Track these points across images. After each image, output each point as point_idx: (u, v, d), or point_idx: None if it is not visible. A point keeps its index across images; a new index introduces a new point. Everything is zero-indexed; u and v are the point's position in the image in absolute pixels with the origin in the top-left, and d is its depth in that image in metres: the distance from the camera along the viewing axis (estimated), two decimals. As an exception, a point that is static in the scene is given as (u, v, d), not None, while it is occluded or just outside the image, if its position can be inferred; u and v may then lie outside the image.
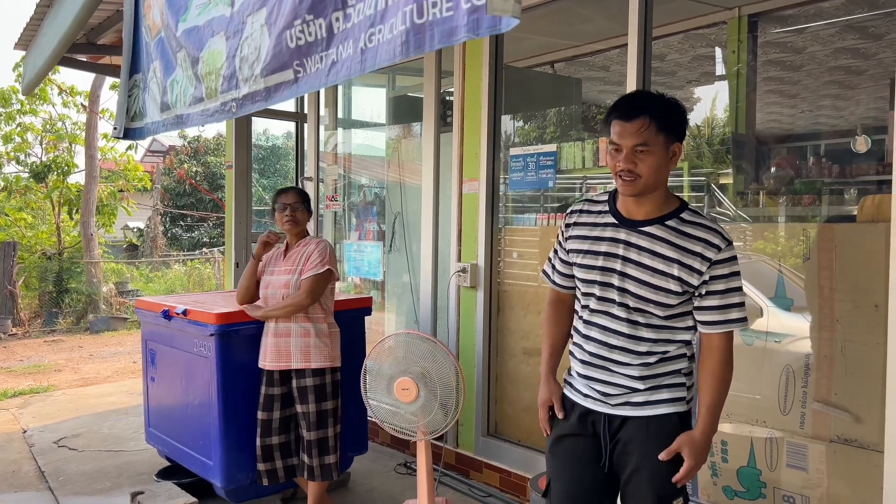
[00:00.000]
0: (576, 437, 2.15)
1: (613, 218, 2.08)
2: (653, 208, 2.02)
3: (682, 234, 1.98)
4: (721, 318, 1.98)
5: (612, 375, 2.07)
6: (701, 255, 1.95)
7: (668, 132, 1.96)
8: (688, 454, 1.97)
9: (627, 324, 2.04)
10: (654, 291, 1.98)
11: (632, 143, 1.94)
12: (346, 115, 5.85)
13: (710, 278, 1.96)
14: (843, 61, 4.90)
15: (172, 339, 3.86)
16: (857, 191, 3.63)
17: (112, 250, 16.21)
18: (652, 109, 1.95)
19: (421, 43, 1.77)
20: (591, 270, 2.08)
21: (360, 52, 2.00)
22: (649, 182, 1.96)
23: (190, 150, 19.68)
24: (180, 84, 3.14)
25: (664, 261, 1.97)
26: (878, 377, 2.57)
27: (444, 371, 3.28)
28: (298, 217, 3.51)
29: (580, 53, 5.18)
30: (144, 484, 3.94)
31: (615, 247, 2.04)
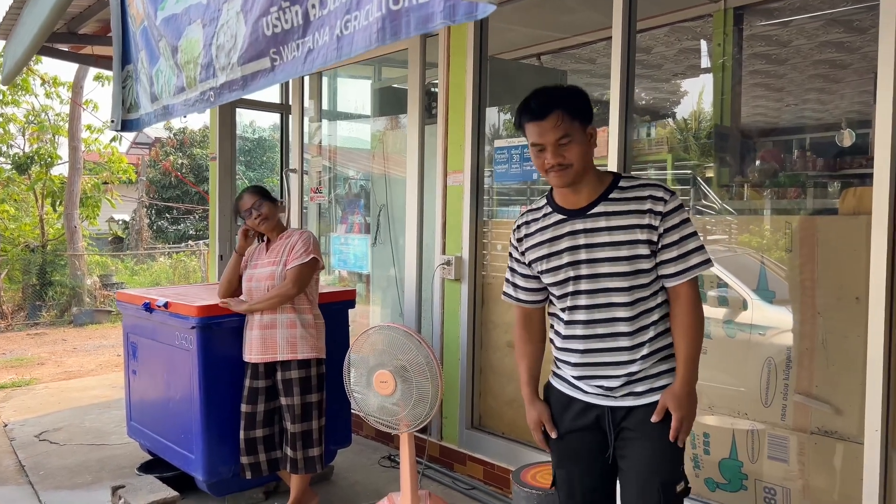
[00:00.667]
0: (579, 432, 2.14)
1: (560, 214, 2.09)
2: (591, 190, 2.06)
3: (628, 199, 2.03)
4: (682, 266, 2.01)
5: (610, 368, 2.05)
6: (651, 211, 1.99)
7: (581, 117, 2.01)
8: (673, 407, 1.98)
9: (607, 309, 2.03)
10: (629, 262, 2.00)
11: (553, 138, 1.99)
12: (332, 107, 5.80)
13: (663, 231, 1.99)
14: (827, 55, 4.91)
15: (154, 331, 3.82)
16: (840, 184, 3.64)
17: (97, 243, 16.08)
18: (560, 101, 2.00)
19: (397, 30, 1.75)
20: (559, 270, 2.08)
21: (336, 40, 1.97)
22: (579, 169, 2.01)
23: (176, 141, 19.53)
24: (164, 74, 3.10)
25: (624, 231, 2.00)
26: (858, 369, 2.59)
27: (422, 365, 3.27)
28: (265, 213, 3.45)
29: (567, 46, 5.16)
30: (126, 478, 3.92)
31: (575, 238, 2.06)
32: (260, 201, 3.45)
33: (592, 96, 5.66)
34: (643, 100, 5.67)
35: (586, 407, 2.11)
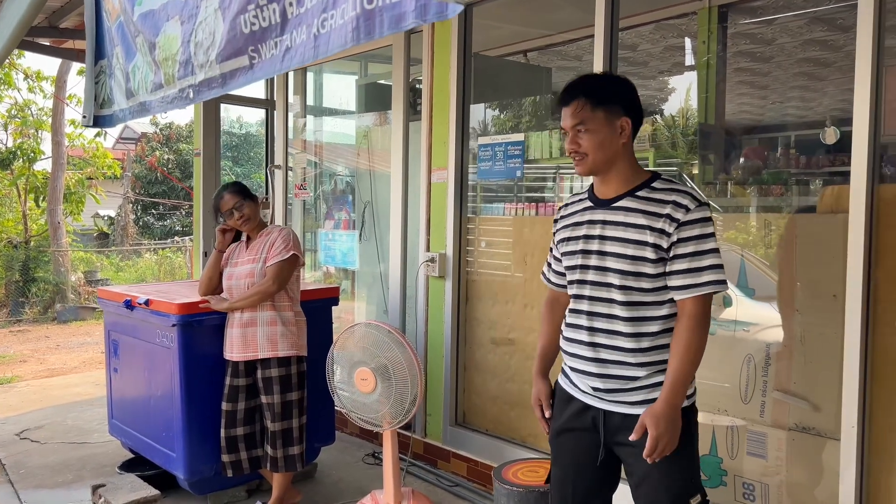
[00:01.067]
0: (575, 432, 2.13)
1: (591, 202, 2.10)
2: (620, 184, 2.03)
3: (651, 200, 1.98)
4: (692, 281, 1.92)
5: (603, 366, 2.02)
6: (669, 217, 1.93)
7: (608, 108, 1.98)
8: (649, 425, 1.91)
9: (609, 304, 2.01)
10: (633, 263, 1.96)
11: (570, 124, 2.01)
12: (317, 103, 5.78)
13: (677, 240, 1.92)
14: (811, 53, 4.94)
15: (135, 329, 3.80)
16: (822, 182, 3.67)
17: (82, 239, 15.96)
18: (586, 89, 2.00)
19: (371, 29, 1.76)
20: (573, 256, 2.09)
21: (313, 38, 1.97)
22: (597, 159, 1.99)
23: (162, 137, 19.40)
24: (141, 70, 3.07)
25: (637, 230, 1.96)
26: (835, 366, 2.61)
27: (403, 363, 3.26)
28: (247, 212, 3.42)
29: (553, 43, 5.16)
30: (107, 476, 3.89)
31: (593, 227, 2.05)
32: (241, 201, 3.41)
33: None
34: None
35: (583, 407, 2.10)
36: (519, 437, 3.84)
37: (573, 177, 3.91)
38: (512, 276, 3.89)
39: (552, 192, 4.01)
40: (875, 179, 2.50)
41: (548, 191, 4.04)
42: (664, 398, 1.93)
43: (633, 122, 2.02)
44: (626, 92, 2.04)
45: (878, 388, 2.55)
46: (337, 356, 3.49)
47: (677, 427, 1.94)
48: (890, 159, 3.03)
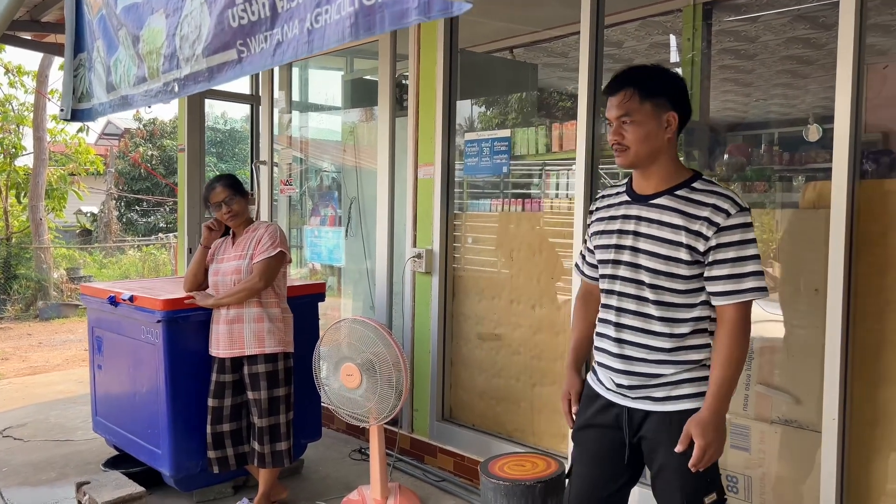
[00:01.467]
0: (599, 429, 2.12)
1: (627, 196, 2.07)
2: (661, 180, 2.00)
3: (691, 201, 1.93)
4: (733, 287, 1.89)
5: (628, 363, 2.01)
6: (708, 220, 1.89)
7: (655, 100, 1.94)
8: (696, 434, 1.88)
9: (638, 301, 1.99)
10: (666, 262, 1.94)
11: (615, 115, 1.97)
12: (302, 98, 5.75)
13: (717, 245, 1.88)
14: (794, 51, 4.99)
15: (119, 325, 3.77)
16: (805, 178, 3.71)
17: (65, 235, 15.81)
18: (635, 80, 1.96)
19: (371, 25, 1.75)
20: (607, 249, 2.07)
21: (307, 33, 1.96)
22: (640, 152, 1.96)
23: (145, 133, 19.22)
24: (123, 64, 3.04)
25: (672, 229, 1.93)
26: (817, 360, 2.64)
27: (388, 359, 3.27)
28: (236, 209, 3.40)
29: (539, 39, 5.17)
30: (91, 474, 3.86)
31: (627, 223, 2.02)
32: (232, 196, 3.40)
33: (565, 90, 5.70)
34: (613, 94, 5.70)
35: (608, 404, 2.09)
36: (505, 431, 3.86)
37: (559, 173, 3.92)
38: (498, 272, 3.90)
39: (538, 189, 4.02)
40: (856, 176, 2.54)
41: (534, 187, 4.06)
42: (709, 406, 1.90)
43: (680, 117, 1.97)
44: (675, 85, 2.00)
45: (859, 382, 2.59)
46: (323, 352, 3.49)
47: (723, 434, 1.93)
48: (870, 156, 3.08)
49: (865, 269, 2.56)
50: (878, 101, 3.73)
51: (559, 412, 3.57)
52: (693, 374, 1.98)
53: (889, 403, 2.55)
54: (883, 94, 3.98)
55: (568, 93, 5.65)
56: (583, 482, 2.15)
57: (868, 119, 2.60)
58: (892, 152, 3.40)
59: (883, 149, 3.64)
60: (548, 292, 3.67)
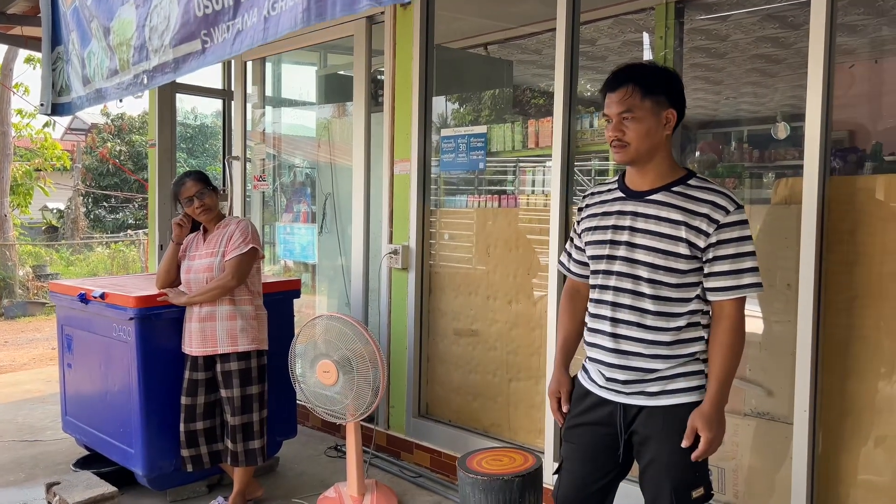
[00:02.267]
0: (590, 426, 2.13)
1: (621, 192, 2.08)
2: (657, 177, 2.02)
3: (688, 197, 1.96)
4: (733, 283, 1.94)
5: (623, 357, 2.02)
6: (708, 217, 1.93)
7: (656, 97, 1.97)
8: (702, 428, 1.92)
9: (635, 296, 2.00)
10: (664, 257, 1.96)
11: (617, 111, 1.98)
12: (276, 94, 5.70)
13: (717, 241, 1.93)
14: (763, 50, 5.07)
15: (90, 323, 3.70)
16: (774, 174, 3.77)
17: (30, 232, 15.48)
18: (636, 77, 1.98)
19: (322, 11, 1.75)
20: (601, 245, 2.07)
21: (263, 20, 1.96)
22: (640, 149, 1.98)
23: (113, 128, 18.88)
24: (97, 56, 2.99)
25: (671, 224, 1.95)
26: (789, 353, 2.69)
27: (365, 356, 3.26)
28: (207, 203, 3.35)
29: (513, 36, 5.18)
30: (62, 474, 3.79)
31: (622, 219, 2.04)
32: (203, 189, 3.35)
33: (538, 87, 5.71)
34: (588, 91, 5.75)
35: (600, 402, 2.10)
36: (482, 426, 3.87)
37: (535, 169, 3.94)
38: (475, 268, 3.91)
39: (514, 185, 4.04)
40: (826, 172, 2.58)
41: (510, 183, 4.07)
42: (711, 400, 1.94)
43: (677, 115, 2.00)
44: (674, 84, 2.02)
45: (829, 375, 2.64)
46: (299, 349, 3.46)
47: (724, 426, 1.97)
48: (838, 153, 3.14)
49: (835, 264, 2.61)
50: (845, 100, 3.82)
51: (536, 407, 3.59)
52: (687, 367, 2.01)
53: (858, 395, 2.61)
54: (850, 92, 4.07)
55: (542, 90, 5.68)
56: (573, 477, 2.16)
57: (835, 117, 2.65)
58: (858, 149, 3.48)
59: (850, 146, 3.73)
60: (524, 288, 3.68)
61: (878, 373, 2.58)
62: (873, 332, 2.58)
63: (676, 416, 1.99)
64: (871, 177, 2.86)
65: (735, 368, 1.98)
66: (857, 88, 4.16)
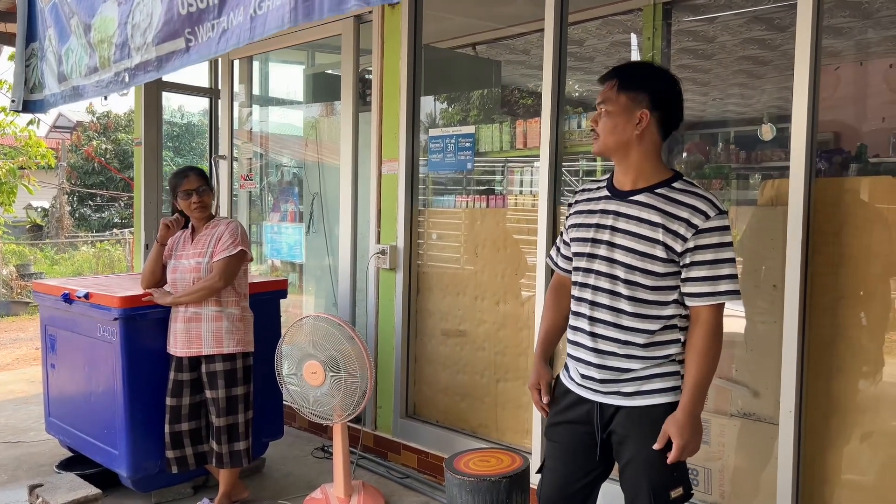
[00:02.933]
0: (570, 425, 2.14)
1: (607, 191, 2.09)
2: (639, 177, 2.02)
3: (670, 200, 1.96)
4: (710, 289, 1.93)
5: (599, 356, 2.04)
6: (687, 222, 1.92)
7: (632, 94, 1.97)
8: (674, 434, 1.93)
9: (612, 296, 2.01)
10: (641, 258, 1.96)
11: (598, 101, 2.04)
12: (263, 92, 5.67)
13: (695, 247, 1.92)
14: (750, 51, 5.10)
15: (74, 323, 3.67)
16: (761, 176, 3.79)
17: (13, 231, 15.32)
18: (620, 73, 2.02)
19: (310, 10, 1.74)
20: (583, 243, 2.08)
21: (249, 20, 1.95)
22: (607, 142, 2.01)
23: (99, 126, 18.73)
24: (75, 53, 2.95)
25: (650, 226, 1.96)
26: (775, 354, 2.70)
27: (352, 356, 3.25)
28: (206, 201, 3.34)
29: (501, 36, 5.18)
30: (45, 476, 3.74)
31: (605, 217, 2.04)
32: (204, 187, 3.34)
33: (526, 87, 5.71)
34: (576, 91, 5.76)
35: (578, 400, 2.11)
36: (469, 427, 3.86)
37: (523, 169, 3.94)
38: (462, 268, 3.90)
39: (502, 185, 4.04)
40: (812, 174, 2.60)
41: (498, 184, 4.07)
42: (685, 407, 1.94)
43: (660, 118, 1.99)
44: (657, 85, 2.00)
45: (814, 376, 2.66)
46: (286, 350, 3.44)
47: (700, 431, 1.97)
48: (823, 155, 3.16)
49: (821, 265, 2.62)
50: (830, 102, 3.84)
51: (523, 407, 3.59)
52: (662, 368, 2.02)
53: (843, 396, 2.63)
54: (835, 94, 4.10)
55: (530, 90, 5.68)
56: (555, 476, 2.17)
57: (821, 119, 2.67)
58: (843, 151, 3.50)
59: (835, 148, 3.75)
60: (512, 288, 3.68)
61: (863, 373, 2.60)
62: (858, 332, 2.59)
63: (652, 417, 2.00)
64: (857, 178, 2.88)
65: (711, 374, 1.98)
66: (842, 90, 4.19)
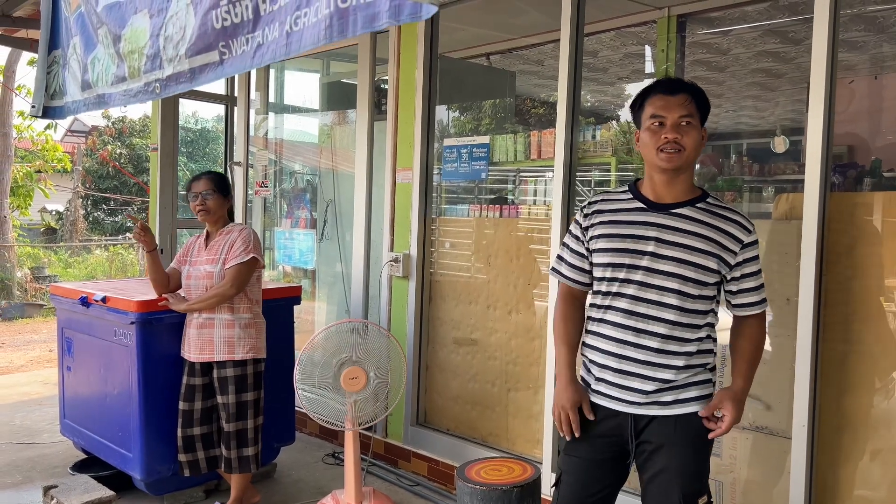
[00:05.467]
0: (595, 439, 2.12)
1: (641, 203, 2.08)
2: (682, 191, 2.06)
3: (714, 214, 2.04)
4: (759, 298, 2.08)
5: (642, 367, 2.03)
6: (734, 236, 2.02)
7: (702, 114, 2.05)
8: (729, 408, 2.01)
9: (659, 307, 2.01)
10: (694, 269, 2.00)
11: (678, 114, 2.00)
12: (279, 100, 5.72)
13: (743, 260, 2.04)
14: (764, 64, 5.10)
15: (91, 327, 3.71)
16: (774, 189, 3.79)
17: (29, 234, 15.48)
18: (691, 89, 2.05)
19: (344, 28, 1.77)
20: (619, 254, 2.05)
21: (285, 35, 1.98)
22: (691, 156, 2.03)
23: (114, 130, 18.90)
24: (102, 62, 3.00)
25: (702, 239, 2.01)
26: (787, 368, 2.70)
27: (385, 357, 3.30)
28: (210, 205, 3.35)
29: (515, 46, 5.21)
30: (59, 477, 3.79)
31: (647, 229, 2.03)
32: (211, 191, 3.35)
33: (538, 97, 5.73)
34: (589, 102, 5.78)
35: (607, 414, 2.09)
36: (480, 436, 3.87)
37: (535, 179, 3.96)
38: (475, 277, 3.92)
39: (515, 195, 4.06)
40: (827, 188, 2.60)
41: (511, 193, 4.09)
42: (742, 387, 2.07)
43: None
44: (707, 104, 2.09)
45: (827, 389, 2.65)
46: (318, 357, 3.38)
47: (742, 411, 2.08)
48: (837, 169, 3.16)
49: (835, 280, 2.62)
50: (845, 116, 3.84)
51: (534, 417, 3.60)
52: (699, 377, 2.07)
53: (856, 411, 2.62)
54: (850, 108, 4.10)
55: (543, 100, 5.70)
56: (572, 490, 2.16)
57: (835, 132, 2.67)
58: (858, 165, 3.50)
59: (849, 162, 3.75)
60: (524, 298, 3.69)
61: (876, 388, 2.60)
62: (872, 347, 2.59)
63: (688, 425, 2.04)
64: (871, 193, 2.88)
65: (757, 365, 2.13)
66: (856, 104, 4.19)
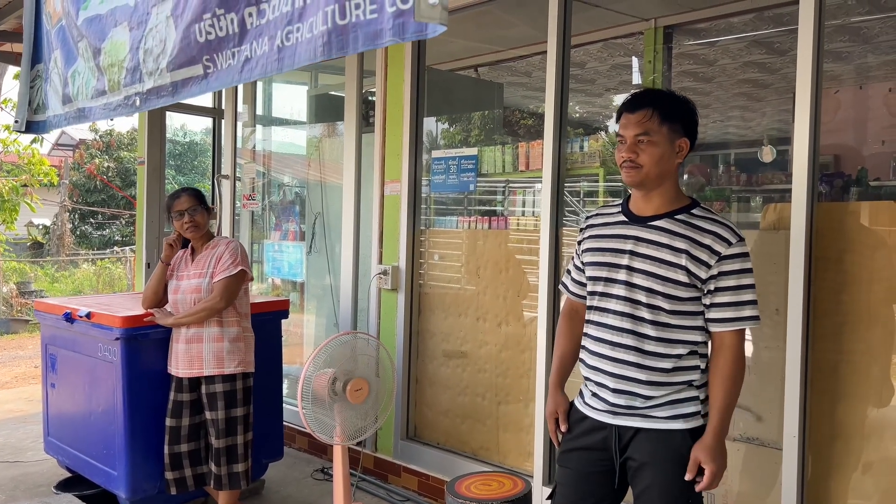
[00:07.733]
0: (584, 451, 2.12)
1: (624, 216, 2.10)
2: (661, 204, 2.04)
3: (692, 226, 1.99)
4: (734, 314, 1.96)
5: (617, 381, 2.02)
6: (710, 248, 1.95)
7: (672, 125, 1.99)
8: (706, 461, 1.93)
9: (632, 320, 2.01)
10: (663, 283, 1.97)
11: (633, 132, 1.99)
12: (266, 112, 5.71)
13: (718, 273, 1.95)
14: (750, 74, 5.14)
15: (75, 343, 3.66)
16: (762, 199, 3.81)
17: (14, 248, 15.32)
18: (656, 102, 2.00)
19: (344, 45, 1.75)
20: (599, 267, 2.08)
21: (276, 50, 1.95)
22: (651, 173, 1.99)
23: (102, 144, 18.80)
24: (82, 75, 2.98)
25: (672, 251, 1.97)
26: (777, 378, 2.69)
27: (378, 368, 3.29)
28: (198, 220, 3.33)
29: (503, 58, 5.23)
30: (43, 497, 3.73)
31: (624, 242, 2.05)
32: (196, 206, 3.34)
33: (527, 109, 5.74)
34: (577, 113, 5.79)
35: (595, 426, 2.10)
36: (470, 450, 3.84)
37: (524, 191, 3.95)
38: (464, 288, 3.90)
39: (504, 207, 4.05)
40: (814, 198, 2.61)
41: (500, 205, 4.08)
42: (713, 432, 1.96)
43: (689, 145, 2.03)
44: (689, 114, 2.04)
45: (817, 400, 2.65)
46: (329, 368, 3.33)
47: (726, 456, 1.99)
48: (824, 178, 3.17)
49: (823, 290, 2.62)
50: (830, 125, 3.87)
51: (525, 430, 3.57)
52: (682, 394, 2.02)
53: (846, 421, 2.62)
54: (835, 118, 4.12)
55: (531, 111, 5.72)
56: (568, 500, 2.15)
57: (821, 142, 2.68)
58: (844, 174, 3.52)
59: (836, 171, 3.76)
60: (514, 310, 3.68)
61: (867, 398, 2.59)
62: (862, 357, 2.59)
63: (670, 443, 2.00)
64: (858, 203, 2.89)
65: (735, 399, 2.00)
66: (842, 114, 4.22)
